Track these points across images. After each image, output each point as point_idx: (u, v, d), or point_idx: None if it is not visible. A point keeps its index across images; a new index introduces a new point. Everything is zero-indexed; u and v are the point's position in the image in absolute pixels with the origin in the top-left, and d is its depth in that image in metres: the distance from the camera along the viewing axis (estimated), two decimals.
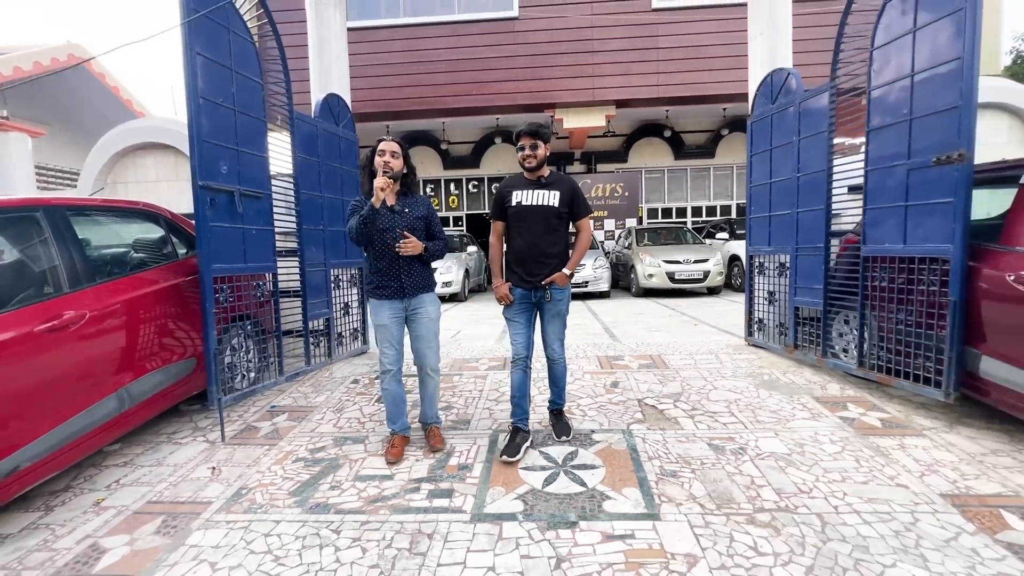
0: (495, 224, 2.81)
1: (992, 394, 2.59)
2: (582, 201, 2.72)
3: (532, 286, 2.63)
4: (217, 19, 3.01)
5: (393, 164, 2.53)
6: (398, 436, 2.73)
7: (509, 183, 2.74)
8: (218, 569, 1.88)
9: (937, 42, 2.70)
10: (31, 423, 2.11)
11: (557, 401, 2.88)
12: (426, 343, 2.68)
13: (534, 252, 2.63)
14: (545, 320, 2.73)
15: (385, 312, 2.62)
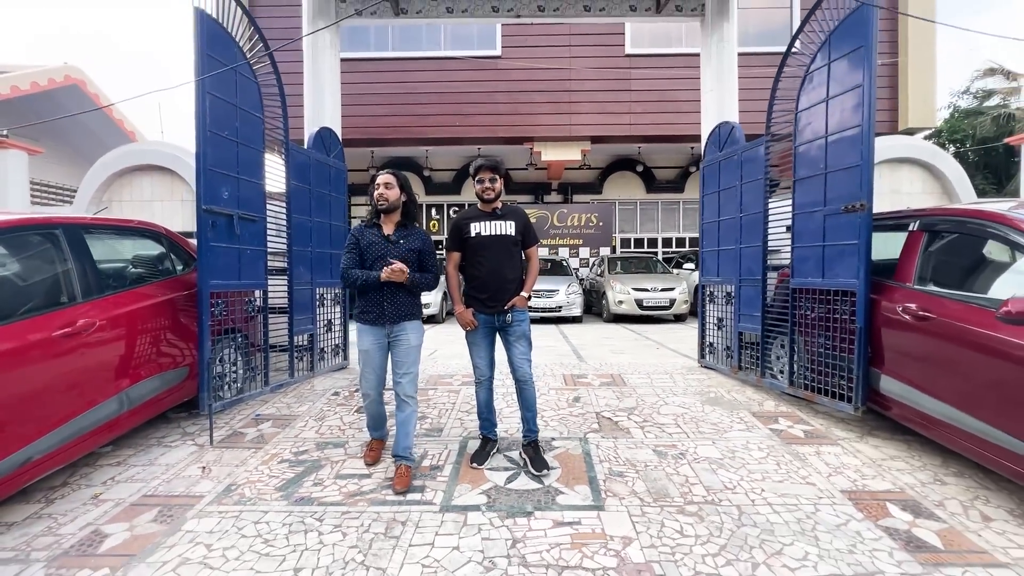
0: (452, 255, 2.90)
1: (892, 409, 3.03)
2: (532, 231, 2.91)
3: (495, 311, 2.77)
4: (226, 61, 3.37)
5: (388, 195, 2.64)
6: (376, 441, 2.97)
7: (466, 215, 2.87)
8: (213, 550, 2.13)
9: (844, 111, 3.23)
10: (44, 418, 2.35)
11: (532, 430, 2.87)
12: (404, 370, 2.69)
13: (496, 279, 2.77)
14: (510, 343, 2.83)
15: (368, 338, 2.70)
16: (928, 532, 2.21)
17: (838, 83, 3.30)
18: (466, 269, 2.89)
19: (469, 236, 2.81)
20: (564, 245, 13.19)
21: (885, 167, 4.94)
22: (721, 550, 2.10)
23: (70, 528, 2.30)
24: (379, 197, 2.65)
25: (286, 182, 4.07)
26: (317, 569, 2.00)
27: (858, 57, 3.11)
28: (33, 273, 2.51)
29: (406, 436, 2.69)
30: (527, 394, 2.86)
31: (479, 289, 2.81)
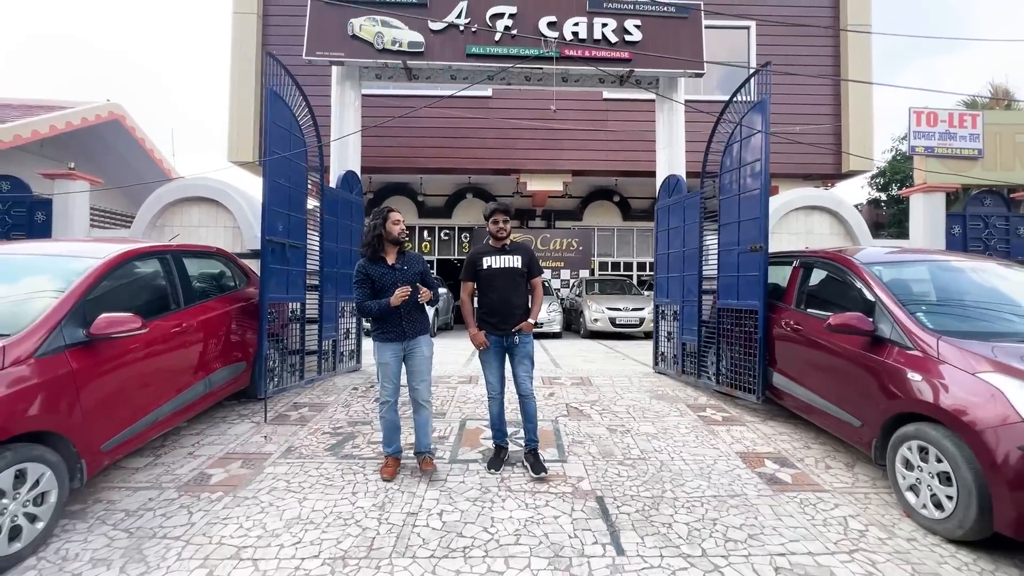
0: (466, 284, 3.30)
1: (783, 398, 4.08)
2: (536, 264, 3.32)
3: (504, 333, 3.17)
4: (284, 126, 4.38)
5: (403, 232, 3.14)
6: (391, 458, 3.15)
7: (479, 251, 3.29)
8: (291, 483, 3.05)
9: (751, 175, 4.36)
10: (166, 390, 3.26)
11: (532, 439, 3.23)
12: (419, 377, 3.08)
13: (505, 305, 3.17)
14: (515, 362, 3.22)
15: (387, 353, 3.05)
16: (785, 475, 3.24)
17: (748, 152, 4.43)
18: (479, 296, 3.28)
19: (482, 268, 3.21)
20: (547, 267, 14.26)
21: (801, 213, 6.11)
22: (643, 484, 3.09)
23: (182, 471, 3.20)
24: (400, 233, 3.08)
25: (320, 216, 5.04)
26: (367, 494, 2.93)
27: (757, 139, 4.25)
28: (158, 285, 3.44)
29: (426, 435, 3.13)
30: (528, 407, 3.23)
31: (490, 313, 3.20)
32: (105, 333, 2.69)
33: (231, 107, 11.27)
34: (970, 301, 3.23)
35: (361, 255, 3.13)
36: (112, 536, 2.48)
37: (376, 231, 3.05)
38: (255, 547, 2.39)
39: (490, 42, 5.72)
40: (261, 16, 11.50)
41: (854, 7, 11.95)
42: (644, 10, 5.86)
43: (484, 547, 2.41)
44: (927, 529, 2.59)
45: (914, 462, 2.68)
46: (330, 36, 5.65)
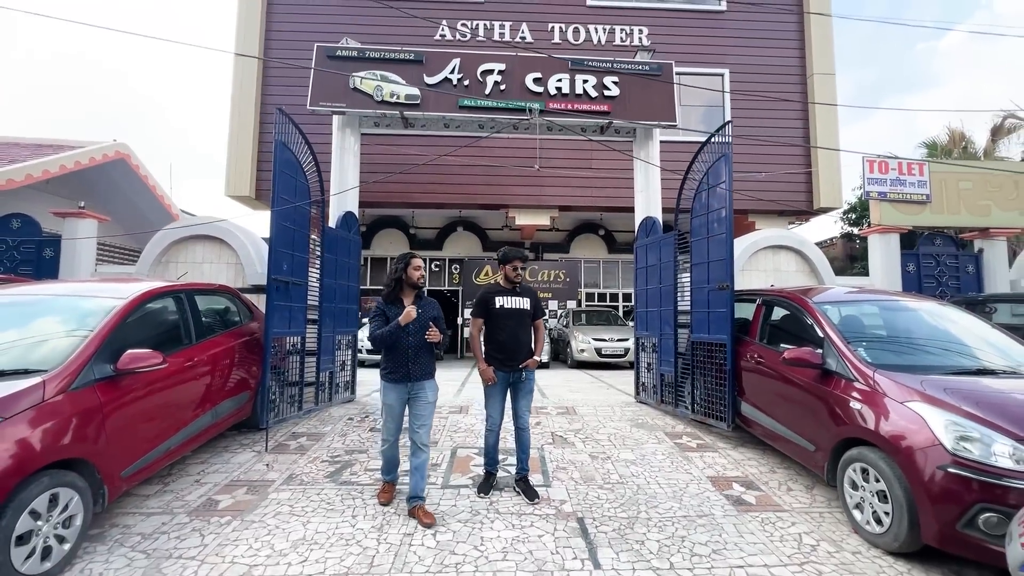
0: (476, 320, 3.46)
1: (751, 425, 4.41)
2: (540, 307, 3.56)
3: (511, 369, 3.40)
4: (291, 173, 4.75)
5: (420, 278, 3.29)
6: (388, 484, 3.37)
7: (491, 290, 3.49)
8: (295, 507, 3.28)
9: (717, 220, 4.80)
10: (177, 421, 3.49)
11: (524, 468, 3.50)
12: (421, 421, 3.18)
13: (514, 343, 3.39)
14: (519, 396, 3.47)
15: (392, 394, 3.18)
16: (750, 496, 3.54)
17: (714, 201, 4.89)
18: (489, 333, 3.45)
19: (494, 307, 3.41)
20: None
21: (769, 251, 6.60)
22: (620, 506, 3.37)
23: (191, 497, 3.41)
24: (419, 279, 3.25)
25: (320, 254, 5.38)
26: (366, 517, 3.17)
27: (722, 190, 4.71)
28: (173, 322, 3.72)
29: (421, 479, 3.16)
30: (524, 439, 3.51)
31: (499, 350, 3.40)
32: (130, 368, 2.96)
33: (230, 144, 11.69)
34: (907, 337, 3.63)
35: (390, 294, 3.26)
36: (131, 557, 2.69)
37: (397, 274, 3.23)
38: (265, 565, 2.62)
39: (481, 95, 6.22)
40: (262, 58, 12.06)
41: (819, 56, 12.88)
42: (621, 68, 6.44)
43: (475, 563, 2.66)
44: (871, 543, 2.90)
45: (859, 482, 3.01)
46: (333, 88, 6.12)
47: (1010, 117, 13.41)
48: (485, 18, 12.58)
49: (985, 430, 2.55)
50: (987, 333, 3.63)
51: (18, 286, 3.84)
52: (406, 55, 6.32)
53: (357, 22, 11.50)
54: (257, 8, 11.93)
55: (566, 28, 12.72)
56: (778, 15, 13.12)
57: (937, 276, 6.83)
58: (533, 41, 12.54)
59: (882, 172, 6.69)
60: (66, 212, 6.22)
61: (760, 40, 13.02)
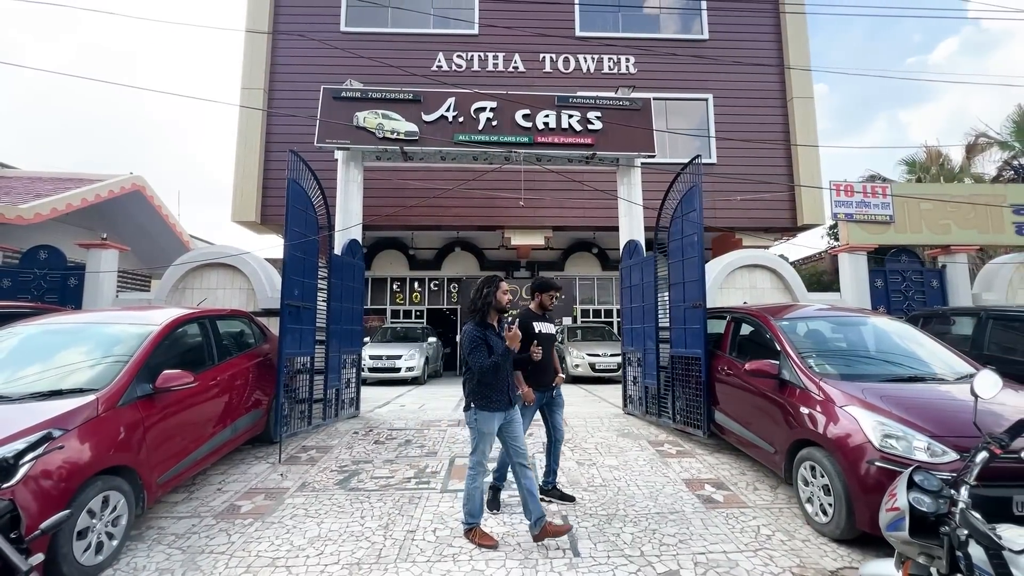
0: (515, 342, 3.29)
1: (725, 433, 4.80)
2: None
3: (545, 388, 3.69)
4: (301, 207, 5.22)
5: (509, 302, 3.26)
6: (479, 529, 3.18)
7: (528, 316, 3.68)
8: (309, 511, 3.66)
9: (691, 245, 5.26)
10: (203, 435, 3.90)
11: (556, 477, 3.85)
12: (519, 443, 3.18)
13: (548, 364, 3.67)
14: (554, 410, 3.81)
15: (494, 422, 3.09)
16: (719, 496, 3.93)
17: (687, 227, 5.36)
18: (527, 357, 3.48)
19: (533, 332, 3.57)
20: None
21: (745, 270, 7.05)
22: (601, 505, 3.76)
23: (215, 503, 3.80)
24: (509, 303, 3.25)
25: (327, 279, 5.82)
26: (373, 517, 3.56)
27: (693, 217, 5.18)
28: (199, 345, 4.14)
29: (538, 501, 3.11)
30: (558, 448, 3.84)
31: (536, 372, 3.59)
32: (166, 387, 3.38)
33: (236, 171, 12.22)
34: (854, 349, 4.06)
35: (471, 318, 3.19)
36: (169, 553, 3.07)
37: (488, 299, 3.13)
38: (286, 558, 3.00)
39: (474, 130, 6.75)
40: (267, 91, 12.68)
41: (797, 81, 13.54)
42: (604, 103, 6.98)
43: (469, 553, 3.05)
44: (819, 532, 3.29)
45: (809, 479, 3.41)
46: (338, 127, 6.63)
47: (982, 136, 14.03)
48: (479, 50, 13.25)
49: (907, 429, 2.97)
50: (926, 344, 4.07)
51: (58, 315, 4.27)
52: (405, 95, 6.87)
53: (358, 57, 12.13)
54: (263, 44, 12.59)
55: (556, 58, 13.38)
56: (758, 43, 13.82)
57: (904, 291, 7.28)
58: (525, 71, 13.20)
59: (848, 195, 7.19)
60: (90, 243, 6.68)
61: (742, 66, 13.69)
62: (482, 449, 3.15)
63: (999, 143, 13.75)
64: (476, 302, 3.20)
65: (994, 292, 7.31)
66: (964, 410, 3.11)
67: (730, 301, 6.85)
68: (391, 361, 10.80)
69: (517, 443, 3.19)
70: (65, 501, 2.57)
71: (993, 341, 4.94)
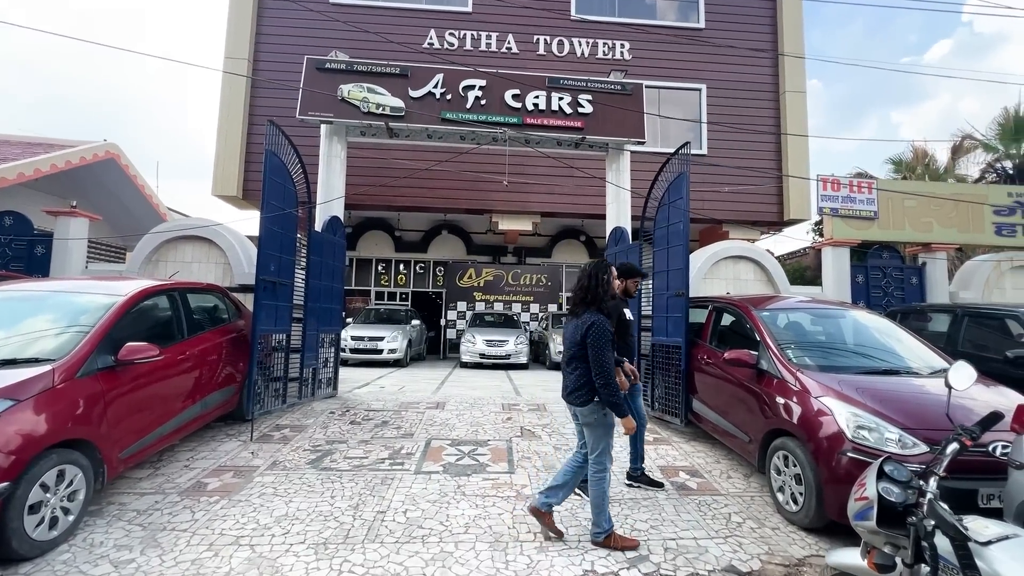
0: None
1: (701, 422, 4.82)
2: None
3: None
4: (279, 180, 5.06)
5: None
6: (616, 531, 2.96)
7: (619, 303, 3.61)
8: (278, 489, 3.59)
9: (676, 234, 5.22)
10: (170, 409, 3.78)
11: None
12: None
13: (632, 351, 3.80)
14: (635, 396, 3.76)
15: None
16: (693, 483, 3.94)
17: (674, 216, 5.31)
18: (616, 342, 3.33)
19: (624, 319, 3.61)
20: (517, 301, 15.02)
21: (730, 261, 7.06)
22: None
23: (181, 480, 3.70)
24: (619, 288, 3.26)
25: (307, 256, 5.68)
26: (343, 497, 3.50)
27: (679, 205, 5.13)
28: (167, 318, 4.01)
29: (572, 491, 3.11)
30: (643, 433, 3.80)
31: (627, 356, 3.62)
32: (129, 359, 3.25)
33: (218, 144, 11.88)
34: (832, 341, 4.07)
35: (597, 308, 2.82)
36: (129, 529, 2.98)
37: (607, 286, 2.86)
38: (251, 536, 2.93)
39: (462, 109, 6.59)
40: (251, 61, 12.28)
41: (791, 75, 13.50)
42: (594, 87, 6.86)
43: (439, 535, 3.01)
44: (789, 520, 3.31)
45: (781, 468, 3.42)
46: (321, 99, 6.42)
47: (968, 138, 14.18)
48: (472, 28, 12.96)
49: (880, 421, 2.97)
50: (902, 338, 4.09)
51: (19, 283, 4.10)
52: (392, 69, 6.66)
53: (347, 29, 11.78)
54: (248, 12, 12.16)
55: (551, 40, 13.15)
56: (754, 35, 13.73)
57: (884, 287, 7.36)
58: (519, 52, 12.96)
59: (834, 190, 7.21)
60: (58, 211, 6.43)
61: (736, 58, 13.60)
62: (610, 444, 2.94)
63: (984, 145, 13.92)
64: (594, 289, 2.84)
65: (971, 291, 7.44)
66: (936, 404, 3.14)
67: (713, 291, 6.86)
68: (373, 343, 10.69)
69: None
70: (15, 474, 2.46)
71: (968, 338, 5.00)
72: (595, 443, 2.97)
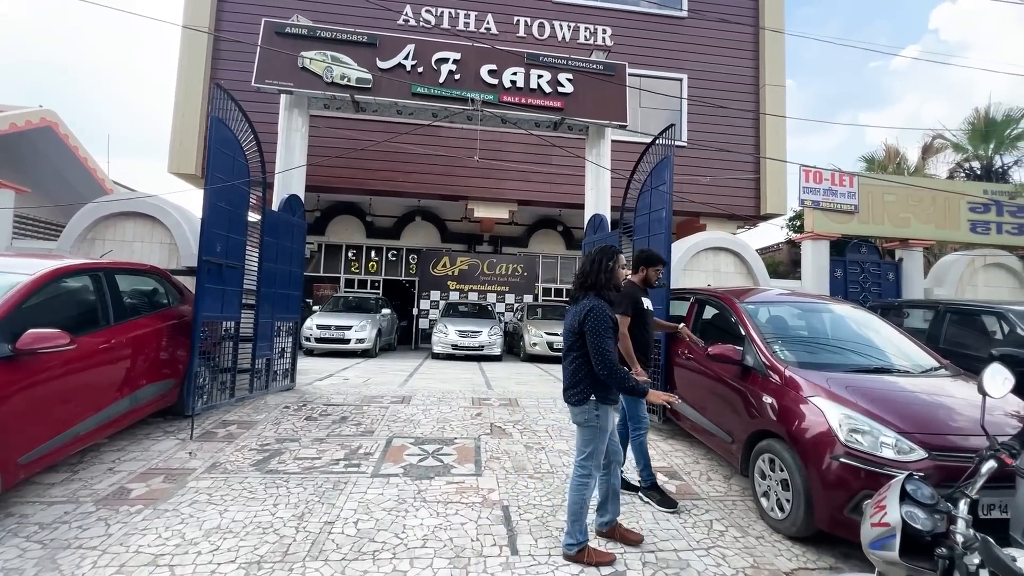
0: (626, 318, 3.22)
1: (680, 419, 4.59)
2: None
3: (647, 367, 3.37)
4: (229, 152, 4.56)
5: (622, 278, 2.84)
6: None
7: (636, 291, 3.41)
8: (213, 496, 3.18)
9: (658, 220, 4.95)
10: (90, 405, 3.32)
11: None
12: (616, 437, 2.82)
13: (651, 345, 3.48)
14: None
15: (611, 419, 2.68)
16: (672, 486, 3.70)
17: (656, 201, 5.04)
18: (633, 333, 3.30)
19: (642, 308, 3.38)
20: (492, 291, 14.68)
21: (710, 253, 6.88)
22: (546, 495, 3.45)
23: (100, 486, 3.26)
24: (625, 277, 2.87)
25: (260, 237, 5.20)
26: (288, 505, 3.12)
27: (663, 190, 4.86)
28: (87, 302, 3.51)
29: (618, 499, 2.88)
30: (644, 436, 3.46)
31: (643, 350, 3.36)
32: (31, 348, 2.79)
33: (175, 118, 11.11)
34: (820, 337, 3.87)
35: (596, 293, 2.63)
36: (25, 548, 2.55)
37: (611, 273, 2.65)
38: (172, 555, 2.54)
39: (435, 83, 6.15)
40: (212, 31, 11.48)
41: (771, 69, 13.42)
42: (576, 66, 6.52)
43: (393, 550, 2.67)
44: (774, 529, 3.09)
45: (767, 472, 3.19)
46: (280, 66, 5.89)
47: (938, 138, 14.40)
48: (450, 6, 12.42)
49: (874, 423, 2.76)
50: (891, 335, 3.92)
51: None
52: (359, 37, 6.16)
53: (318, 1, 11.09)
54: None
55: (531, 23, 12.72)
56: (736, 26, 13.57)
57: (861, 282, 7.31)
58: (498, 33, 12.48)
59: (816, 182, 7.09)
60: None
61: (718, 49, 13.44)
62: (602, 450, 2.68)
63: (953, 145, 14.16)
64: (598, 275, 2.64)
65: (945, 287, 7.45)
66: (932, 404, 2.96)
67: (693, 284, 6.66)
68: (340, 332, 10.20)
69: (615, 438, 2.84)
70: None
71: (949, 335, 4.91)
72: (583, 444, 2.70)
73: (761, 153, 13.36)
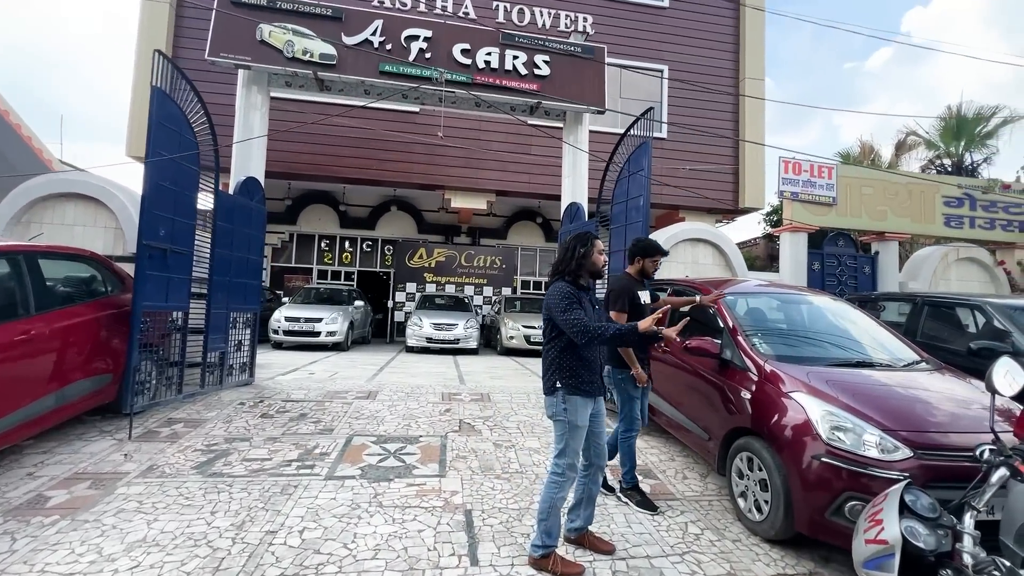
0: (622, 315, 3.15)
1: (656, 415, 4.41)
2: None
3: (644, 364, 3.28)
4: (173, 127, 4.19)
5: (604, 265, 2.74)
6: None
7: (630, 283, 3.28)
8: (144, 504, 2.88)
9: (636, 208, 4.75)
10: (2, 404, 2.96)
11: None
12: (602, 438, 2.64)
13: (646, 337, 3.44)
14: (646, 392, 3.39)
15: (585, 412, 2.48)
16: (646, 485, 3.52)
17: (634, 189, 4.84)
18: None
19: (638, 303, 3.22)
20: (470, 283, 14.40)
21: (688, 244, 6.74)
22: (513, 497, 3.23)
23: (14, 494, 2.92)
24: (603, 266, 2.69)
25: (212, 222, 4.83)
26: (228, 513, 2.83)
27: (641, 175, 4.66)
28: (3, 289, 3.14)
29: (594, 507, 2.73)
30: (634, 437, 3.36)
31: (640, 347, 3.25)
32: None
33: (133, 99, 10.50)
34: (799, 329, 3.73)
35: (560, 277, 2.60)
36: None
37: (583, 259, 2.57)
38: (85, 573, 2.24)
39: (404, 61, 5.82)
40: (174, 5, 10.87)
41: (751, 61, 13.37)
42: (552, 47, 6.26)
43: (339, 563, 2.42)
44: (751, 531, 2.93)
45: (744, 471, 3.03)
46: (237, 39, 5.49)
47: (911, 135, 14.59)
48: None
49: (857, 420, 2.60)
50: (872, 328, 3.80)
51: None
52: (323, 10, 5.78)
53: None
54: None
55: (511, 8, 12.41)
56: (717, 18, 13.48)
57: (838, 275, 7.28)
58: (476, 18, 12.11)
59: (796, 173, 7.00)
60: None
61: (699, 40, 13.33)
62: (574, 448, 2.49)
63: (926, 142, 14.36)
64: (568, 262, 2.58)
65: (919, 281, 7.47)
66: (916, 400, 2.82)
67: (671, 275, 6.50)
68: (310, 324, 9.82)
69: (601, 440, 2.63)
70: None
71: (927, 328, 4.84)
72: (556, 440, 2.54)
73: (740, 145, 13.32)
